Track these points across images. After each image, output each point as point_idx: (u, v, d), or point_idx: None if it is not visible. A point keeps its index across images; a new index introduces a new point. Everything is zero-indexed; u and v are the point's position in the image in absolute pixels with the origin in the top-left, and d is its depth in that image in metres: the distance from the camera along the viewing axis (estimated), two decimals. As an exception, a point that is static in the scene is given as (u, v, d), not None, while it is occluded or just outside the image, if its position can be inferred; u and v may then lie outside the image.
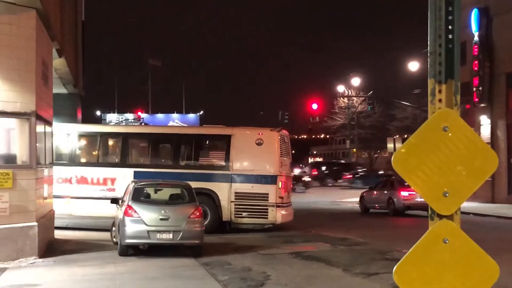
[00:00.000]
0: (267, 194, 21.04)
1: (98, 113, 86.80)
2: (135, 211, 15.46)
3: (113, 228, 17.59)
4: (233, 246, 17.82)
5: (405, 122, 66.30)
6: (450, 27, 3.58)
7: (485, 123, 35.87)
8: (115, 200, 17.47)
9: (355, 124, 74.12)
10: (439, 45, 3.59)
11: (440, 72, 3.58)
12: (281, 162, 21.47)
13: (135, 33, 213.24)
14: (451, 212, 3.52)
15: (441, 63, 3.58)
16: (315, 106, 59.77)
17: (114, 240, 17.22)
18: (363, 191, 33.43)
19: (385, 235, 21.36)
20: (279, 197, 21.15)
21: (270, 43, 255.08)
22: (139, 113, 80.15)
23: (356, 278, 13.09)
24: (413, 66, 50.04)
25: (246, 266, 14.41)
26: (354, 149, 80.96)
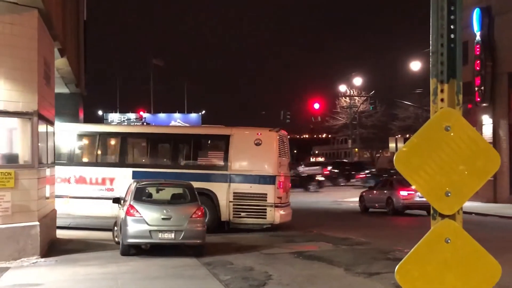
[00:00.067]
0: (265, 194, 21.02)
1: (100, 112, 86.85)
2: (137, 211, 15.46)
3: (115, 228, 17.59)
4: (235, 246, 17.81)
5: (407, 122, 66.31)
6: (452, 27, 3.58)
7: (487, 122, 35.84)
8: (117, 200, 17.48)
9: (357, 123, 74.09)
10: (441, 45, 3.58)
11: (442, 72, 3.58)
12: (279, 162, 21.44)
13: (135, 33, 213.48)
14: (453, 211, 3.52)
15: (443, 63, 3.58)
16: (317, 105, 59.70)
17: (116, 239, 17.22)
18: (363, 191, 33.54)
19: (386, 234, 21.34)
20: (278, 197, 21.12)
21: (270, 43, 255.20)
22: (141, 113, 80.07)
23: (358, 278, 13.09)
24: (415, 65, 50.02)
25: (248, 265, 14.41)
26: (356, 149, 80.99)
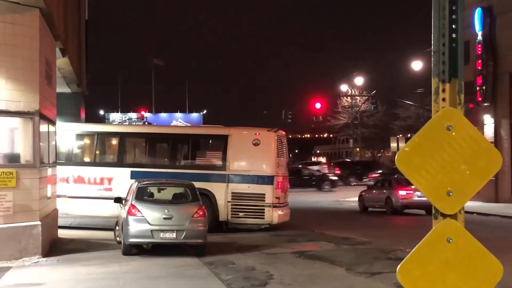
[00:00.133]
0: (263, 194, 20.97)
1: (101, 112, 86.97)
2: (139, 210, 15.47)
3: (117, 227, 17.59)
4: (236, 246, 17.81)
5: (408, 121, 66.35)
6: (453, 26, 3.57)
7: (488, 122, 35.82)
8: (118, 199, 17.48)
9: (358, 123, 74.11)
10: (442, 44, 3.58)
11: (444, 71, 3.58)
12: (277, 163, 21.40)
13: (135, 33, 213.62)
14: (455, 211, 3.52)
15: (444, 62, 3.58)
16: (318, 105, 59.72)
17: (118, 239, 17.22)
18: (362, 191, 33.57)
19: (387, 234, 21.34)
20: (276, 197, 21.08)
21: (270, 43, 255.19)
22: (143, 113, 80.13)
23: (359, 278, 13.08)
24: (416, 65, 50.01)
25: (249, 265, 14.40)
26: (357, 148, 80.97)
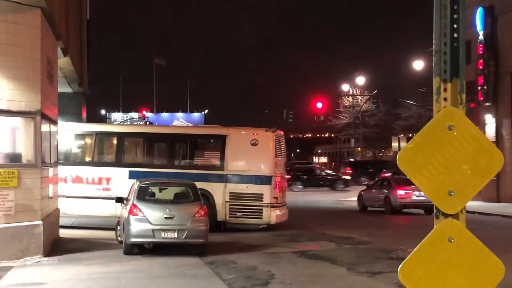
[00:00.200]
0: (261, 194, 20.95)
1: (103, 112, 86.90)
2: (140, 210, 15.47)
3: (118, 227, 17.60)
4: (237, 245, 17.81)
5: (409, 121, 66.27)
6: (455, 26, 3.57)
7: (490, 122, 35.79)
8: (119, 199, 17.49)
9: (360, 123, 74.01)
10: (444, 44, 3.58)
11: (445, 71, 3.58)
12: (276, 163, 21.39)
13: (135, 33, 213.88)
14: (456, 211, 3.52)
15: (446, 62, 3.58)
16: (319, 105, 59.71)
17: (119, 239, 17.23)
18: (361, 190, 33.66)
19: (388, 233, 21.34)
20: (274, 197, 21.07)
21: (270, 43, 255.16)
22: (144, 112, 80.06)
23: (361, 277, 13.08)
24: (418, 65, 49.96)
25: (250, 265, 14.40)
26: (359, 148, 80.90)
